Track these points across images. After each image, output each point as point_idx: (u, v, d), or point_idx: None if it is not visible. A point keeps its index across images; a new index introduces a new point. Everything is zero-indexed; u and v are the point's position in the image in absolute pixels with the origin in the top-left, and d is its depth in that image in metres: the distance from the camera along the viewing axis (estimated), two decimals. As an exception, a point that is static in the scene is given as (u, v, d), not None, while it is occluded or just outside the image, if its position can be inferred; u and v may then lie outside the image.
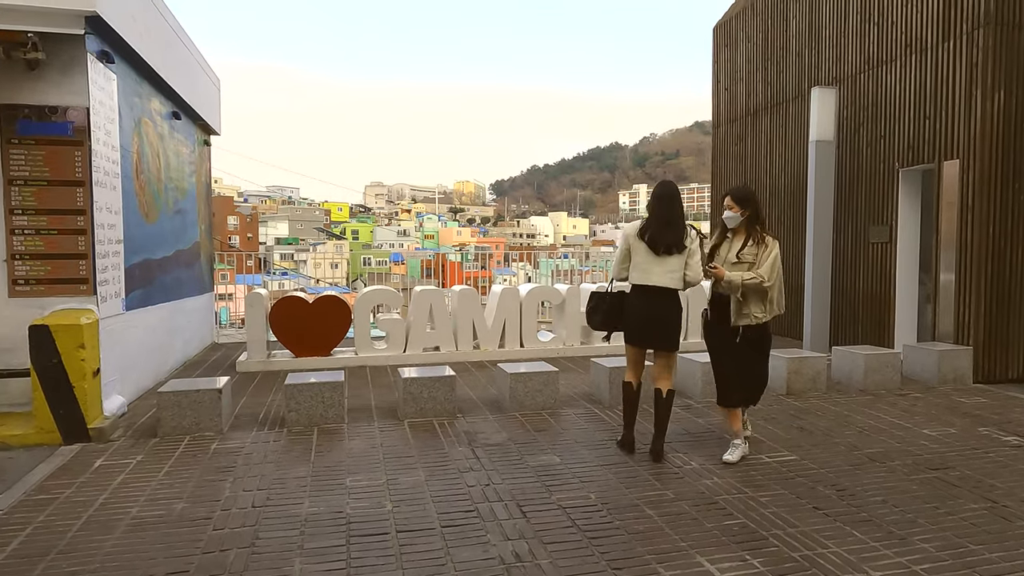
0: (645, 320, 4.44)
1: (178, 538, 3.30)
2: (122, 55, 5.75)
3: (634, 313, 4.47)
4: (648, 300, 4.42)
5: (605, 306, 4.61)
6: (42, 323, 4.67)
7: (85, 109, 5.03)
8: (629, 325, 4.51)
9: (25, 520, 3.53)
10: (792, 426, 5.27)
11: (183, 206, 7.87)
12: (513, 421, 5.36)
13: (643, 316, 4.44)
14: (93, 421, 4.81)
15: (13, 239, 4.98)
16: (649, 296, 4.42)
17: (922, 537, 3.33)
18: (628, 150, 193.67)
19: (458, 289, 8.23)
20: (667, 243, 4.36)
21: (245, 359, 7.48)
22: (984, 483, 4.06)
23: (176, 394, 4.92)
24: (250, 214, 77.25)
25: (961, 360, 6.69)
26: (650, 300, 4.42)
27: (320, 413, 5.15)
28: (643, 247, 4.41)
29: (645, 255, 4.41)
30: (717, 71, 11.70)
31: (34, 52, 4.72)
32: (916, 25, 7.46)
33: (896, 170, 7.76)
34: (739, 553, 3.16)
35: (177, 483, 4.03)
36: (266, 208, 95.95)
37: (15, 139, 4.95)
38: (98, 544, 3.25)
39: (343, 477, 4.12)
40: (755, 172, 10.53)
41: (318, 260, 25.10)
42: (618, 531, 3.39)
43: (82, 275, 5.09)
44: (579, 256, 18.17)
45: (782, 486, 4.01)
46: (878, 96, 8.02)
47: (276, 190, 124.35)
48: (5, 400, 5.05)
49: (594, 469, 4.29)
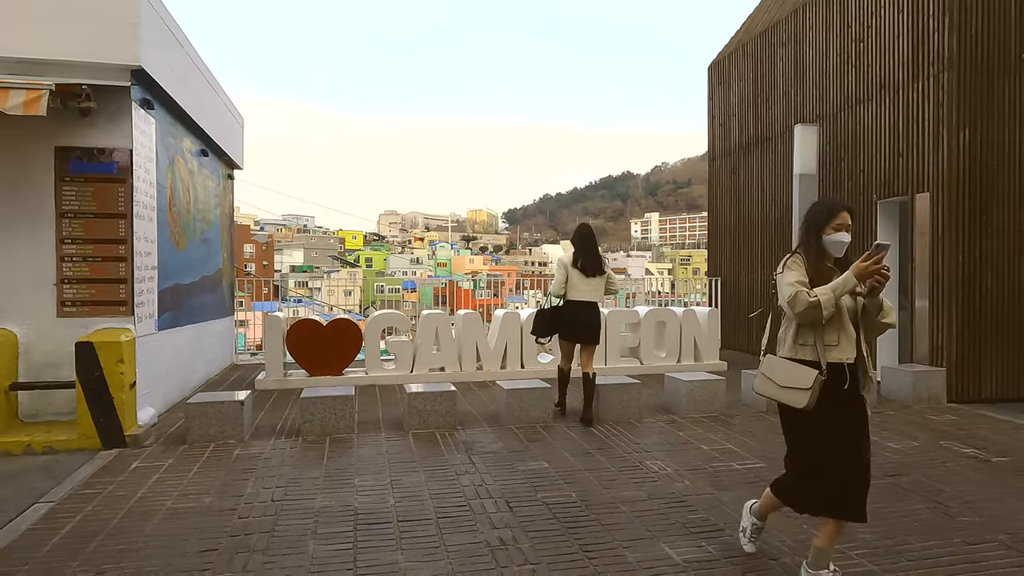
0: (579, 324, 6.13)
1: (208, 524, 3.80)
2: (160, 101, 6.41)
3: (571, 319, 6.13)
4: (580, 310, 6.11)
5: (546, 319, 6.31)
6: (87, 340, 5.24)
7: (129, 151, 5.67)
8: (566, 328, 6.18)
9: (75, 509, 4.04)
10: (766, 439, 5.69)
11: (208, 235, 8.49)
12: (508, 433, 5.83)
13: (577, 322, 6.12)
14: (129, 429, 5.34)
15: (63, 265, 5.59)
16: (581, 307, 6.11)
17: (864, 530, 3.74)
18: (640, 179, 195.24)
19: (462, 313, 8.75)
20: (593, 268, 6.12)
21: (263, 378, 8.02)
22: (933, 487, 4.47)
23: (203, 405, 5.45)
24: (266, 242, 78.65)
25: (935, 381, 7.09)
26: (582, 310, 6.11)
27: (332, 424, 5.66)
28: (576, 272, 6.10)
29: (578, 278, 6.10)
30: (712, 107, 12.31)
31: (87, 102, 5.37)
32: (888, 67, 8.02)
33: (874, 202, 8.25)
34: (698, 541, 3.60)
35: (205, 481, 4.53)
36: (282, 236, 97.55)
37: (67, 177, 5.58)
38: (140, 528, 3.75)
39: (352, 478, 4.61)
40: (747, 203, 11.04)
41: (332, 287, 25.71)
42: (593, 523, 3.84)
43: (122, 298, 5.67)
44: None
45: (746, 489, 4.43)
46: (857, 132, 8.55)
47: (292, 219, 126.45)
48: (52, 409, 5.60)
49: (578, 473, 4.74)
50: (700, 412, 6.53)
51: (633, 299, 13.80)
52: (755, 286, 10.86)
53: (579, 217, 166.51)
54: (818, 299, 2.85)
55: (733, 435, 5.78)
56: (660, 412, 6.67)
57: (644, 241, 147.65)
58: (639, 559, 3.36)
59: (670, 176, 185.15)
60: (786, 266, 3.05)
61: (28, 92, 4.84)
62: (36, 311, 5.56)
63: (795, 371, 2.95)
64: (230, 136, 9.37)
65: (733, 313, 11.40)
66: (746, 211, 11.06)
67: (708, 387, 6.54)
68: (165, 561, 3.33)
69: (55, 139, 5.56)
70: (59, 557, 3.39)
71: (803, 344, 2.98)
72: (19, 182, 5.55)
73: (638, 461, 5.03)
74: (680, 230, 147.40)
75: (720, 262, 11.96)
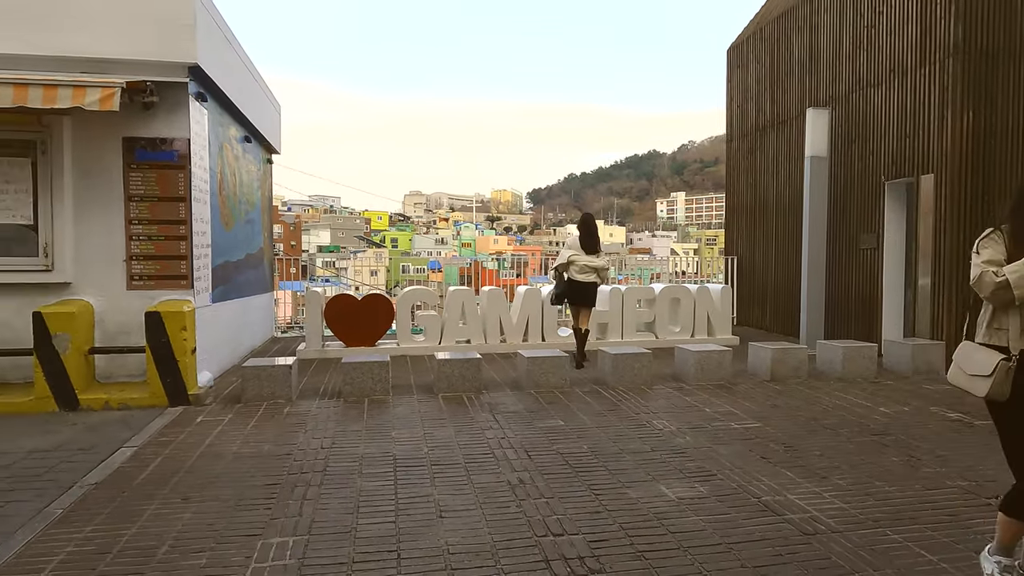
0: (583, 293, 7.88)
1: (269, 465, 4.44)
2: (211, 93, 7.01)
3: (576, 289, 7.88)
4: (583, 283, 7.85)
5: (563, 290, 8.03)
6: (154, 310, 5.91)
7: (187, 140, 6.29)
8: (574, 296, 7.95)
9: (155, 453, 4.71)
10: (766, 404, 6.18)
11: (252, 216, 9.15)
12: (528, 396, 6.40)
13: (582, 291, 7.87)
14: (191, 389, 6.02)
15: (131, 244, 6.25)
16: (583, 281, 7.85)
17: (839, 476, 4.25)
18: (666, 158, 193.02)
19: (487, 290, 9.32)
20: (593, 248, 7.88)
21: (304, 348, 8.69)
22: (911, 444, 4.94)
23: (256, 368, 6.11)
24: (294, 222, 80.00)
25: (933, 354, 7.48)
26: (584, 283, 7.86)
27: (370, 387, 6.28)
28: (581, 253, 7.83)
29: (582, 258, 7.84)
30: (730, 89, 12.60)
31: (151, 96, 5.99)
32: (897, 52, 8.30)
33: (882, 183, 8.58)
34: (691, 483, 4.13)
35: (262, 433, 5.19)
36: (309, 217, 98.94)
37: (134, 164, 6.23)
38: (212, 467, 4.40)
39: (389, 431, 5.23)
40: (763, 184, 11.38)
41: (358, 267, 26.44)
42: (601, 469, 4.39)
43: (182, 272, 6.33)
44: (616, 264, 19.06)
45: (740, 444, 4.95)
46: (867, 115, 8.85)
47: (318, 199, 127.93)
48: (124, 371, 6.31)
49: (590, 430, 5.30)
50: (707, 380, 7.03)
51: (657, 279, 14.25)
52: (769, 265, 11.24)
53: (604, 196, 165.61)
54: (1007, 279, 2.55)
55: (736, 400, 6.28)
56: (670, 380, 7.19)
57: (670, 221, 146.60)
58: (639, 496, 3.91)
59: (697, 155, 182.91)
60: (980, 244, 2.77)
61: (103, 90, 5.46)
62: (109, 285, 6.25)
63: (982, 357, 2.71)
64: (269, 123, 9.98)
65: (748, 290, 11.81)
66: (762, 191, 11.41)
67: (715, 357, 7.03)
68: (237, 491, 3.97)
69: (123, 130, 6.19)
70: (150, 487, 4.05)
71: (998, 328, 2.72)
72: (92, 170, 6.21)
73: (645, 420, 5.57)
74: (707, 209, 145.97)
75: (737, 241, 12.34)
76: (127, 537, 3.35)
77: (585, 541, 3.29)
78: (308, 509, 3.68)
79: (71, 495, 3.92)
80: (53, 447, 4.84)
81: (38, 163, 6.14)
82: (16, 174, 6.13)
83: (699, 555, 3.15)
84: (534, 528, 3.44)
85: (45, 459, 4.57)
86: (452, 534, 3.36)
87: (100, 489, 4.02)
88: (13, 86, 5.34)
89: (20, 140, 6.12)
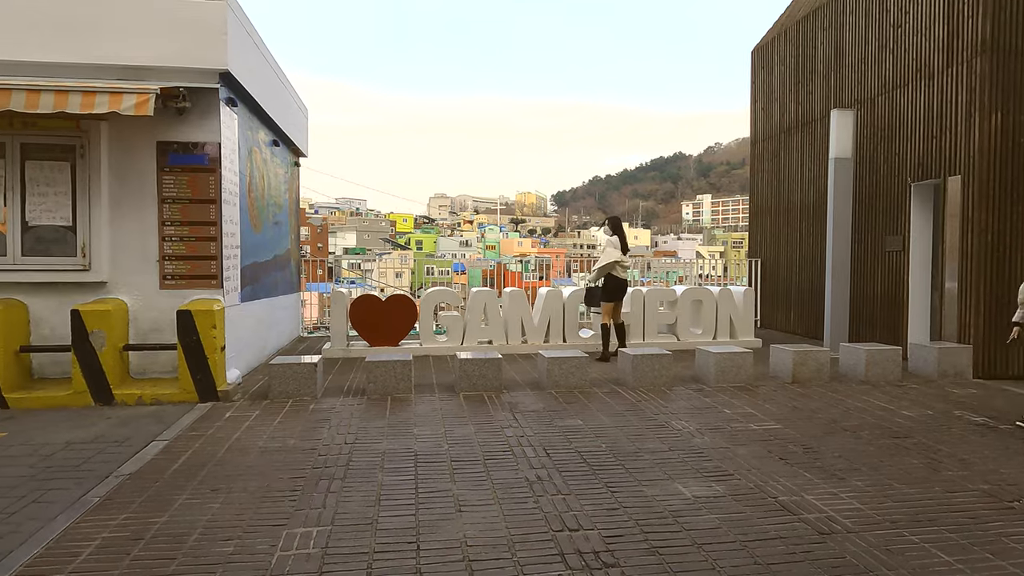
0: (622, 291, 8.51)
1: (295, 459, 4.57)
2: (241, 98, 7.21)
3: (619, 288, 8.45)
4: (623, 281, 8.49)
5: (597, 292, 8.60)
6: (186, 308, 6.10)
7: (217, 144, 6.48)
8: (615, 295, 8.43)
9: (186, 446, 4.88)
10: (787, 406, 6.17)
11: (279, 218, 9.36)
12: (548, 396, 6.47)
13: (624, 287, 8.55)
14: (221, 385, 6.20)
15: (164, 244, 6.46)
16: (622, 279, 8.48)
17: (858, 478, 4.25)
18: (692, 160, 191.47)
19: (509, 291, 9.40)
20: (626, 248, 8.50)
21: (329, 347, 8.86)
22: (933, 447, 4.90)
23: (283, 366, 6.27)
24: (320, 225, 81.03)
25: (961, 357, 7.38)
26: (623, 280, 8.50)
27: (393, 385, 6.40)
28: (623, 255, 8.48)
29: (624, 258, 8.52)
30: (755, 91, 12.54)
31: (183, 102, 6.20)
32: (924, 52, 8.21)
33: (908, 184, 8.48)
34: (708, 483, 4.16)
35: (288, 428, 5.33)
36: (335, 219, 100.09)
37: (167, 167, 6.44)
38: (240, 460, 4.55)
39: (411, 428, 5.33)
40: (787, 186, 11.30)
41: (383, 269, 26.74)
42: (618, 467, 4.45)
43: (212, 272, 6.52)
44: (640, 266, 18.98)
45: (759, 445, 4.96)
46: (893, 117, 8.76)
47: (344, 202, 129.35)
48: (157, 368, 6.52)
49: (609, 430, 5.35)
50: (728, 382, 7.02)
51: (682, 283, 14.20)
52: (792, 267, 11.15)
53: (628, 199, 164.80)
54: None
55: (756, 402, 6.28)
56: (690, 382, 7.19)
57: (695, 223, 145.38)
58: (655, 494, 3.95)
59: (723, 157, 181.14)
60: None
61: (138, 95, 5.67)
62: (143, 284, 6.46)
63: None
64: (297, 126, 10.20)
65: (772, 293, 11.72)
66: (786, 193, 11.33)
67: (736, 359, 7.03)
68: (264, 483, 4.10)
69: (157, 135, 6.41)
70: (180, 478, 4.20)
71: None
72: (128, 173, 6.43)
73: (664, 421, 5.60)
74: (733, 212, 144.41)
75: (760, 243, 12.26)
76: (159, 525, 3.50)
77: (600, 536, 3.35)
78: (331, 501, 3.79)
79: (107, 485, 4.09)
80: (89, 439, 5.04)
81: (77, 166, 6.38)
82: (56, 177, 6.38)
83: (713, 552, 3.19)
84: (550, 523, 3.51)
85: (82, 450, 4.76)
86: (470, 527, 3.45)
87: (134, 480, 4.18)
88: (54, 92, 5.58)
89: (60, 145, 6.37)
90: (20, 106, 5.53)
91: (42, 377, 6.47)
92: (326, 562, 3.07)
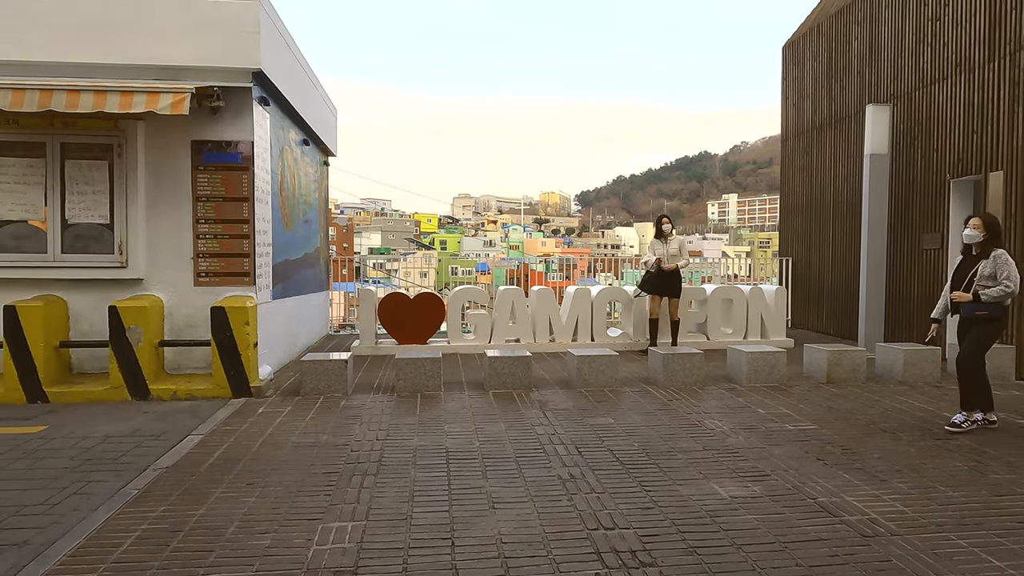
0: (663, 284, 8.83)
1: (328, 454, 4.59)
2: (273, 97, 7.28)
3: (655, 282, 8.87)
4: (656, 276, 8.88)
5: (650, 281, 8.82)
6: (219, 305, 6.17)
7: (250, 143, 6.55)
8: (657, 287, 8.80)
9: (220, 441, 4.93)
10: (822, 406, 6.05)
11: (309, 217, 9.44)
12: (578, 395, 6.43)
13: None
14: (253, 382, 6.27)
15: (198, 242, 6.56)
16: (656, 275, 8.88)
17: (900, 480, 4.14)
18: (718, 159, 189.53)
19: (536, 289, 9.37)
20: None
21: (358, 344, 8.92)
22: (978, 450, 4.76)
23: (314, 363, 6.31)
24: (346, 225, 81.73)
25: (1003, 358, 7.16)
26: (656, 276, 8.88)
27: (422, 382, 6.41)
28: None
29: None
30: (786, 87, 12.34)
31: (217, 101, 6.27)
32: (965, 46, 7.99)
33: (947, 181, 8.27)
34: (744, 483, 4.09)
35: (320, 424, 5.36)
36: (360, 220, 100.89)
37: (201, 166, 6.53)
38: (274, 455, 4.58)
39: (442, 425, 5.33)
40: (820, 184, 11.10)
41: (408, 269, 26.88)
42: (652, 466, 4.39)
43: (245, 270, 6.60)
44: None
45: (796, 446, 4.86)
46: (931, 112, 8.55)
47: (370, 202, 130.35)
48: (192, 364, 6.61)
49: (641, 428, 5.29)
50: (760, 382, 6.91)
51: (708, 283, 14.04)
52: (825, 266, 10.95)
53: (653, 199, 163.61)
54: None
55: (790, 402, 6.17)
56: (722, 381, 7.09)
57: (721, 223, 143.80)
58: (691, 494, 3.89)
59: (750, 156, 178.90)
60: None
61: (174, 95, 5.76)
62: (177, 281, 6.56)
63: None
64: (326, 126, 10.28)
65: (804, 292, 11.52)
66: (818, 191, 11.13)
67: (768, 358, 6.91)
68: (298, 478, 4.13)
69: (191, 134, 6.50)
70: (216, 472, 4.25)
71: None
72: (163, 171, 6.53)
73: (697, 420, 5.53)
74: (760, 212, 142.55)
75: (792, 242, 12.06)
76: (196, 517, 3.53)
77: (636, 535, 3.30)
78: (365, 497, 3.80)
79: (145, 477, 4.15)
80: (127, 433, 5.12)
81: (114, 165, 6.50)
82: (95, 176, 6.50)
83: (753, 553, 3.13)
84: (585, 521, 3.47)
85: (120, 444, 4.84)
86: (504, 524, 3.43)
87: (171, 472, 4.24)
88: (93, 93, 5.69)
89: (99, 144, 6.49)
90: (61, 106, 5.64)
91: (81, 372, 6.60)
92: (362, 556, 3.08)
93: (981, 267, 5.24)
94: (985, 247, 5.28)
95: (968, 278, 5.30)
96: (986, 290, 5.18)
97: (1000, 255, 5.19)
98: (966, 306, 5.29)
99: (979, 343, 5.29)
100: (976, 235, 5.32)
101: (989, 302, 5.18)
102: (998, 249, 5.23)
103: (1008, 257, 5.21)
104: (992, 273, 5.17)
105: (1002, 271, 5.14)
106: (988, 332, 5.29)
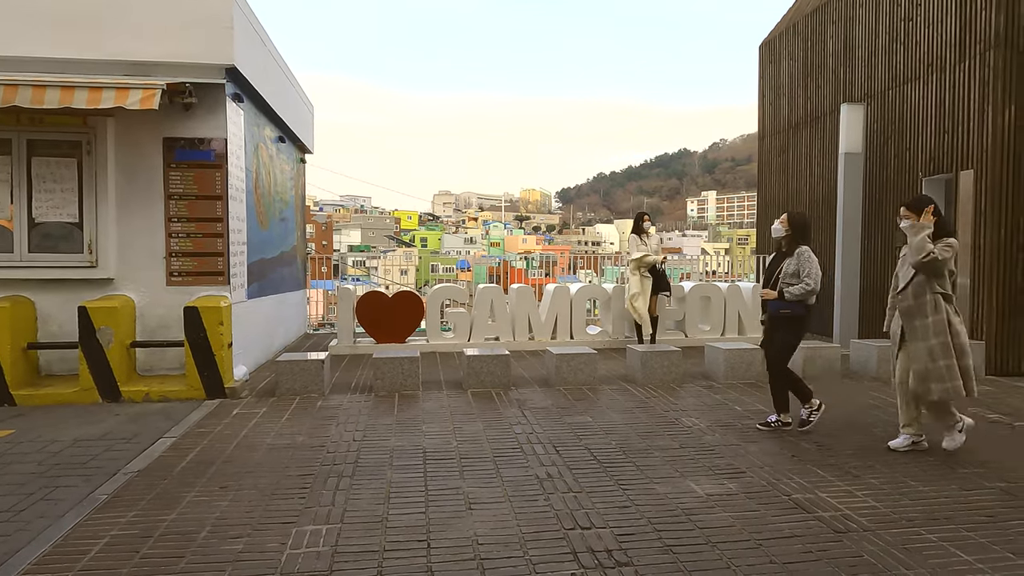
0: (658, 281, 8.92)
1: (303, 456, 4.54)
2: (247, 94, 7.17)
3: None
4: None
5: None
6: (193, 305, 6.07)
7: (224, 140, 6.45)
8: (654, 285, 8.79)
9: (193, 444, 4.85)
10: (797, 403, 6.09)
11: (286, 215, 9.33)
12: (557, 393, 6.43)
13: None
14: (228, 382, 6.18)
15: (171, 241, 6.44)
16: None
17: (873, 476, 4.20)
18: (697, 156, 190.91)
19: (516, 287, 9.36)
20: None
21: (335, 344, 8.84)
22: (948, 445, 4.84)
23: (290, 363, 6.24)
24: (325, 222, 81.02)
25: (973, 354, 7.28)
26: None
27: (400, 381, 6.37)
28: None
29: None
30: (762, 86, 12.44)
31: (189, 98, 6.16)
32: (936, 46, 8.12)
33: (920, 179, 8.39)
34: (720, 480, 4.12)
35: (296, 425, 5.30)
36: (340, 217, 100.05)
37: (173, 163, 6.41)
38: (248, 457, 4.52)
39: (420, 425, 5.30)
40: (796, 181, 11.22)
41: (388, 267, 26.69)
42: (629, 464, 4.40)
43: (219, 269, 6.49)
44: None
45: (771, 442, 4.91)
46: (904, 111, 8.67)
47: (349, 199, 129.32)
48: (164, 365, 6.50)
49: (619, 426, 5.30)
50: (737, 379, 6.97)
51: (687, 279, 14.12)
52: (802, 263, 11.06)
53: (633, 196, 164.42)
54: None
55: (766, 398, 6.18)
56: (700, 378, 7.14)
57: (700, 220, 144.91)
58: (667, 492, 3.91)
59: (728, 153, 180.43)
60: None
61: (144, 90, 5.64)
62: (150, 280, 6.44)
63: None
64: (303, 123, 10.16)
65: (780, 289, 11.63)
66: (794, 189, 11.25)
67: (745, 355, 6.97)
68: (273, 481, 4.07)
69: (163, 131, 6.37)
70: (189, 476, 4.18)
71: None
72: (135, 169, 6.40)
73: (674, 418, 5.56)
74: (738, 208, 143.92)
75: (770, 239, 12.16)
76: (168, 522, 3.47)
77: (613, 534, 3.31)
78: (340, 499, 3.76)
79: (115, 482, 4.07)
80: (97, 436, 5.02)
81: (84, 163, 6.36)
82: (63, 173, 6.36)
83: (728, 551, 3.14)
84: (562, 521, 3.47)
85: (90, 447, 4.75)
86: (481, 525, 3.41)
87: (142, 477, 4.16)
88: (60, 88, 5.55)
89: (67, 141, 6.34)
90: (26, 101, 5.50)
91: (49, 374, 6.46)
92: (336, 560, 3.04)
93: (786, 265, 5.16)
94: (791, 244, 5.21)
95: (775, 275, 5.24)
96: (789, 288, 5.09)
97: (803, 252, 5.10)
98: (772, 304, 5.21)
99: (786, 344, 5.24)
100: (781, 230, 5.26)
101: (792, 300, 5.10)
102: (802, 246, 5.15)
103: (811, 255, 5.11)
104: (796, 271, 5.07)
105: (804, 268, 5.05)
106: (794, 331, 5.20)
